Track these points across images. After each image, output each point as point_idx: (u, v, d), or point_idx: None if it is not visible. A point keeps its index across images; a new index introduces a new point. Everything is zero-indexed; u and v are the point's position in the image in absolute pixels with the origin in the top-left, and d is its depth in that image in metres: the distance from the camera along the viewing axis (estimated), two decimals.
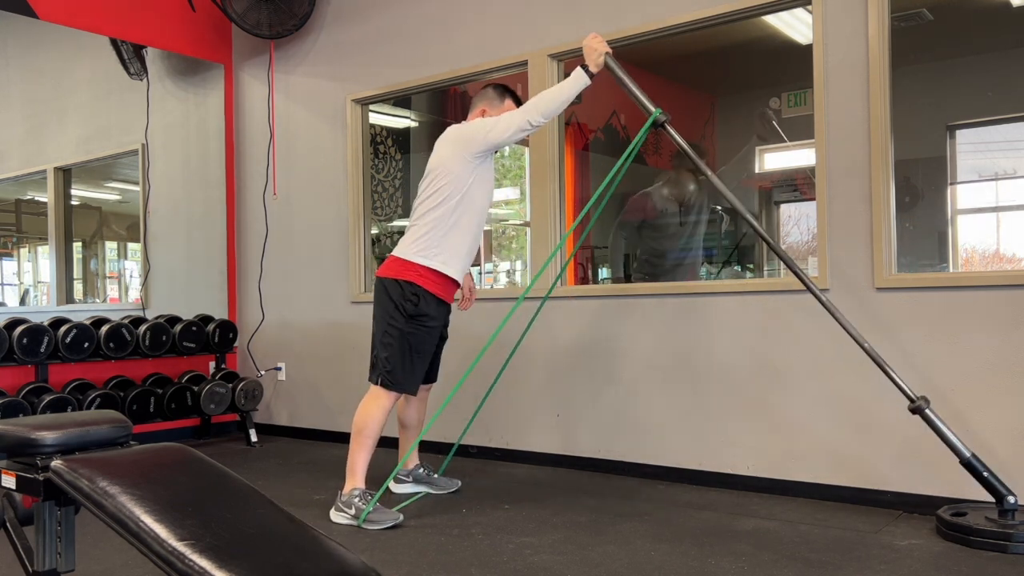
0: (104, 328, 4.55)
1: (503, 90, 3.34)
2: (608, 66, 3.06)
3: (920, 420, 3.12)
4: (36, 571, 1.86)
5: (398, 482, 3.55)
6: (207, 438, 5.11)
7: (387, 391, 3.17)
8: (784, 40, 4.72)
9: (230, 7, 4.91)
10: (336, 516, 3.13)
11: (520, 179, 6.39)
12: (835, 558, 2.59)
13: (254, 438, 4.91)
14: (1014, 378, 2.98)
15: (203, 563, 1.46)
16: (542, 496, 3.49)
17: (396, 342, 3.17)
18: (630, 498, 3.44)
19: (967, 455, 2.75)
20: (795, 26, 4.50)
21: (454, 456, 3.79)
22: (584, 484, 3.71)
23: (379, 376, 3.19)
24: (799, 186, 6.11)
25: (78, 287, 5.89)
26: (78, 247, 5.84)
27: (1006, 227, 5.21)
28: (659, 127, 3.05)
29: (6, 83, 5.48)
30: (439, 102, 5.56)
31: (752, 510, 3.21)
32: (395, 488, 3.52)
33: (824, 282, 3.34)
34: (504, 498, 3.46)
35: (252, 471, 4.13)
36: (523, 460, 4.18)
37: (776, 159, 6.54)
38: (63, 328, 4.39)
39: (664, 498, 3.43)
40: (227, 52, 5.47)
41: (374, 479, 3.28)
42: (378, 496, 3.12)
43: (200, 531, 1.54)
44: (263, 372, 5.29)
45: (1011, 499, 2.70)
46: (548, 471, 4.00)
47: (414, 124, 5.70)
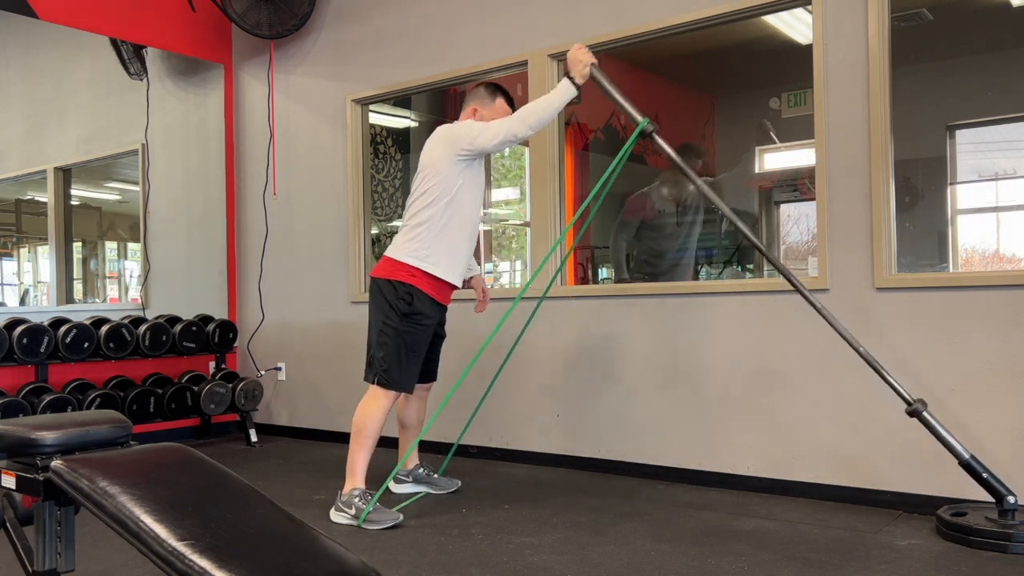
0: (104, 328, 4.55)
1: (494, 89, 3.34)
2: (594, 77, 3.08)
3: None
4: (36, 571, 1.86)
5: (398, 482, 3.55)
6: (207, 438, 5.11)
7: (385, 390, 3.17)
8: (784, 40, 4.72)
9: (230, 7, 4.91)
10: (336, 516, 3.13)
11: (520, 179, 6.39)
12: (835, 558, 2.59)
13: (254, 438, 4.91)
14: (1014, 378, 2.98)
15: (203, 563, 1.46)
16: (542, 496, 3.49)
17: (391, 341, 3.17)
18: (630, 498, 3.44)
19: (966, 457, 2.75)
20: (795, 26, 4.50)
21: (454, 456, 3.79)
22: (584, 484, 3.71)
23: (375, 375, 3.19)
24: (799, 186, 6.12)
25: (78, 287, 5.89)
26: (78, 247, 5.84)
27: (1006, 227, 5.21)
28: (647, 137, 3.06)
29: (6, 83, 5.48)
30: (439, 102, 5.56)
31: (752, 510, 3.21)
32: (395, 488, 3.52)
33: (824, 282, 3.34)
34: (504, 498, 3.46)
35: (252, 471, 4.13)
36: (523, 460, 4.18)
37: (776, 159, 6.54)
38: (63, 328, 4.39)
39: (664, 498, 3.43)
40: (227, 52, 5.47)
41: (374, 479, 3.28)
42: (378, 496, 3.12)
43: (200, 531, 1.54)
44: (263, 372, 5.29)
45: (1011, 499, 2.70)
46: (548, 471, 4.00)
47: (414, 124, 5.70)
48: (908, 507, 3.13)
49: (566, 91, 3.07)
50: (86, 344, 4.46)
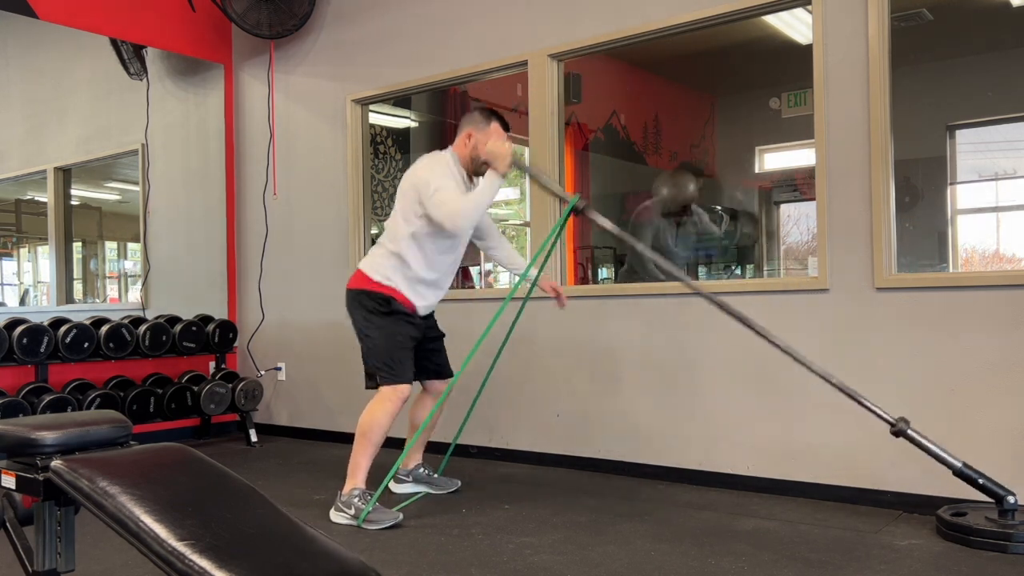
0: (104, 328, 4.55)
1: (490, 113, 3.30)
2: (517, 164, 3.12)
3: (918, 419, 3.12)
4: (36, 571, 1.86)
5: (398, 482, 3.55)
6: (207, 438, 5.10)
7: (393, 392, 3.16)
8: (784, 40, 4.73)
9: (230, 7, 4.91)
10: (336, 516, 3.13)
11: (520, 179, 6.39)
12: (835, 558, 2.59)
13: (254, 438, 4.91)
14: (1014, 378, 2.98)
15: (203, 563, 1.46)
16: (542, 496, 3.49)
17: (380, 337, 3.22)
18: (630, 498, 3.44)
19: (958, 466, 2.75)
20: (795, 26, 4.50)
21: (454, 456, 3.79)
22: (584, 484, 3.71)
23: (376, 377, 3.21)
24: (799, 186, 6.12)
25: (78, 287, 5.89)
26: (78, 247, 5.85)
27: (1006, 227, 5.21)
28: (579, 213, 3.13)
29: (6, 83, 5.48)
30: (439, 102, 5.56)
31: (752, 510, 3.21)
32: (395, 488, 3.52)
33: (824, 282, 3.34)
34: (504, 498, 3.46)
35: (252, 471, 4.13)
36: (523, 460, 4.18)
37: (776, 159, 6.55)
38: (63, 328, 4.39)
39: (664, 498, 3.43)
40: (227, 52, 5.47)
41: (374, 479, 3.28)
42: (377, 496, 3.12)
43: (200, 531, 1.54)
44: (263, 372, 5.29)
45: (1011, 499, 2.70)
46: (548, 471, 4.00)
47: (414, 124, 5.70)
48: (908, 507, 3.13)
49: (495, 183, 3.11)
50: (86, 344, 4.46)
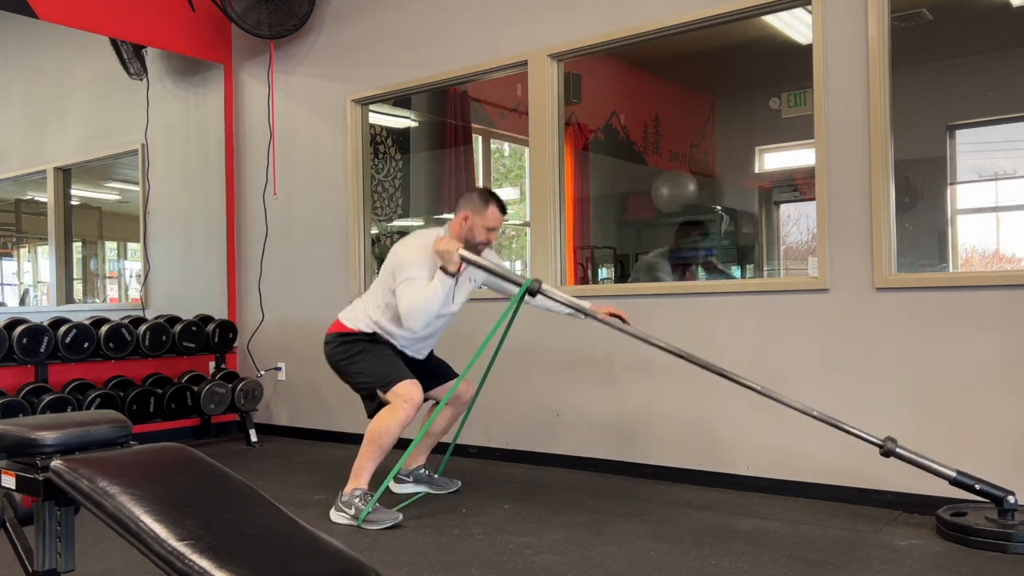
0: (104, 328, 4.54)
1: (488, 196, 3.30)
2: (464, 259, 3.16)
3: (918, 419, 3.13)
4: (36, 571, 1.86)
5: (398, 482, 3.55)
6: (207, 438, 5.10)
7: (402, 398, 3.13)
8: (784, 40, 4.73)
9: (230, 7, 4.91)
10: (336, 516, 3.13)
11: (520, 179, 6.39)
12: (835, 558, 2.59)
13: (254, 438, 4.91)
14: (1014, 378, 2.98)
15: (203, 563, 1.46)
16: (542, 496, 3.49)
17: (366, 362, 3.27)
18: (630, 498, 3.44)
19: (953, 476, 2.75)
20: (795, 26, 4.50)
21: (454, 456, 3.79)
22: (584, 484, 3.71)
23: (375, 393, 3.21)
24: (799, 186, 6.12)
25: (78, 287, 5.89)
26: (78, 247, 5.85)
27: (1006, 227, 5.21)
28: (534, 295, 3.18)
29: (6, 83, 5.48)
30: (439, 102, 5.56)
31: (752, 510, 3.21)
32: (395, 488, 3.52)
33: (824, 282, 3.34)
34: (504, 498, 3.46)
35: (252, 471, 4.13)
36: (523, 460, 4.18)
37: (776, 159, 6.55)
38: (63, 328, 4.39)
39: (664, 498, 3.43)
40: (227, 52, 5.47)
41: (375, 480, 3.27)
42: (377, 496, 3.11)
43: (200, 531, 1.54)
44: (263, 372, 5.29)
45: (1011, 499, 2.70)
46: (548, 471, 4.00)
47: (414, 124, 5.70)
48: (908, 507, 3.13)
49: (445, 282, 3.14)
50: (86, 344, 4.46)
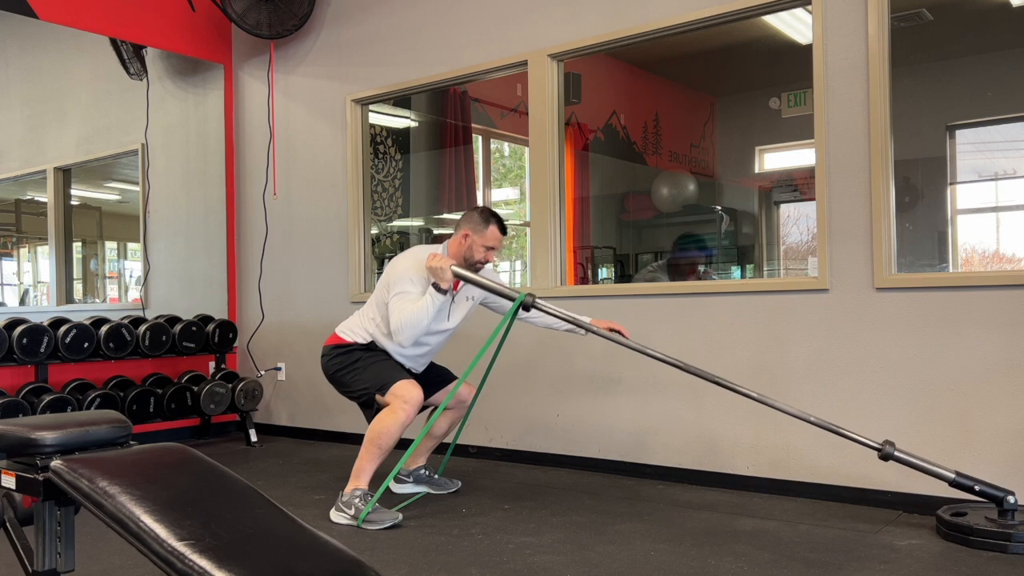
0: (104, 328, 4.54)
1: (489, 215, 3.30)
2: (457, 275, 3.17)
3: (918, 419, 3.13)
4: (36, 571, 1.86)
5: (398, 482, 3.55)
6: (207, 438, 5.10)
7: (400, 399, 3.13)
8: (784, 40, 4.73)
9: (230, 7, 4.91)
10: (336, 516, 3.13)
11: (520, 179, 6.40)
12: (835, 558, 2.59)
13: (254, 438, 4.91)
14: (1014, 378, 2.98)
15: (203, 563, 1.46)
16: (542, 496, 3.49)
17: (363, 368, 3.28)
18: (630, 498, 3.44)
19: (952, 477, 2.76)
20: (795, 26, 4.50)
21: (454, 456, 3.79)
22: (584, 484, 3.71)
23: (373, 397, 3.22)
24: (799, 186, 6.12)
25: (78, 287, 5.89)
26: (78, 247, 5.84)
27: (1006, 227, 5.21)
28: (528, 309, 3.19)
29: (6, 83, 5.48)
30: (439, 102, 5.56)
31: (752, 510, 3.21)
32: (395, 488, 3.52)
33: (824, 282, 3.34)
34: (504, 498, 3.46)
35: (252, 471, 4.13)
36: (523, 460, 4.18)
37: (776, 159, 6.55)
38: (63, 328, 4.39)
39: (664, 498, 3.43)
40: (227, 52, 5.47)
41: (375, 480, 3.27)
42: (377, 496, 3.11)
43: (200, 531, 1.54)
44: (263, 372, 5.29)
45: (1011, 499, 2.70)
46: (548, 471, 4.00)
47: (414, 124, 5.71)
48: (908, 507, 3.13)
49: (436, 299, 3.15)
50: (86, 344, 4.46)
